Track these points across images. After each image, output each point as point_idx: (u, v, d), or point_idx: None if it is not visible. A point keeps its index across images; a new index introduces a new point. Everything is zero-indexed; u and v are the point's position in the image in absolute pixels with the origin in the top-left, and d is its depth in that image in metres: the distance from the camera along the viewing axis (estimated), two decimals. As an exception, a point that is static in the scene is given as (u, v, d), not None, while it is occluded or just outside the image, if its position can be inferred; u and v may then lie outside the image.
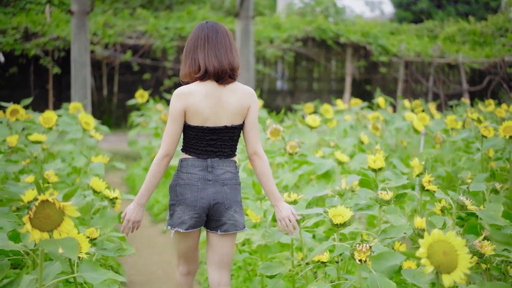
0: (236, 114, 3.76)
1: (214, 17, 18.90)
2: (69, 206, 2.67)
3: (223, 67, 3.68)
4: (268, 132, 6.12)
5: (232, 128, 3.77)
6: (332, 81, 20.44)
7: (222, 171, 3.77)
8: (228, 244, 3.86)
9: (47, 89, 17.63)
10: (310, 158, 5.91)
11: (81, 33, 14.31)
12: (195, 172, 3.74)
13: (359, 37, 18.66)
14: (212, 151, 3.76)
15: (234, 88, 3.78)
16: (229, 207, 3.78)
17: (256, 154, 3.81)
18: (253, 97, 3.83)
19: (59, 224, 2.68)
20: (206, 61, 3.69)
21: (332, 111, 9.98)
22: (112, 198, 4.87)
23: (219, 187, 3.75)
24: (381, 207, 4.11)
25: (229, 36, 3.78)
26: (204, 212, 3.75)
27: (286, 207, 3.83)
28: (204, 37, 3.74)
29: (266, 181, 3.84)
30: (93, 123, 8.04)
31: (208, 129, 3.72)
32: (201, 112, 3.69)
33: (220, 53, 3.69)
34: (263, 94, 19.45)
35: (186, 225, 3.74)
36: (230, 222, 3.79)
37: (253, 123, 3.81)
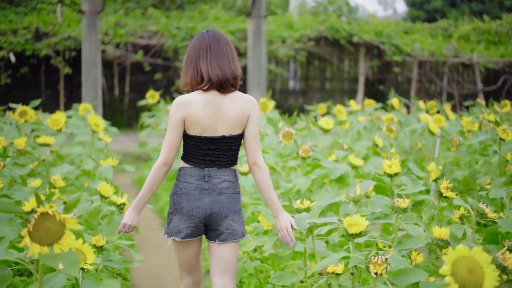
0: (235, 123, 3.71)
1: (226, 16, 18.78)
2: (70, 218, 2.53)
3: (226, 77, 3.66)
4: (280, 135, 5.96)
5: (230, 138, 3.73)
6: (345, 81, 20.28)
7: (219, 180, 3.74)
8: (228, 251, 3.81)
9: (58, 89, 17.57)
10: (323, 162, 5.76)
11: (92, 32, 14.22)
12: (191, 181, 3.72)
13: (372, 37, 18.46)
14: (210, 160, 3.73)
15: (234, 97, 3.73)
16: (226, 216, 3.73)
17: (256, 164, 3.75)
18: (253, 105, 3.78)
19: (60, 238, 2.54)
20: (209, 71, 3.67)
21: (345, 112, 9.81)
22: (119, 204, 4.73)
23: (216, 196, 3.71)
24: (398, 215, 3.95)
25: (230, 45, 3.76)
26: (200, 221, 3.72)
27: (285, 218, 3.79)
28: (206, 47, 3.71)
29: (267, 192, 3.78)
30: (103, 125, 7.92)
31: (206, 138, 3.69)
32: (200, 121, 3.66)
33: (222, 63, 3.68)
34: (275, 94, 19.30)
35: (183, 234, 3.73)
36: (228, 232, 3.75)
37: (253, 133, 3.76)
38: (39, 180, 5.40)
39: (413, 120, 9.44)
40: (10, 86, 17.21)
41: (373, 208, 4.01)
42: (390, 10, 42.64)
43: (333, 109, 10.05)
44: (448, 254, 2.49)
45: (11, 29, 16.38)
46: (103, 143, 7.32)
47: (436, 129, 7.66)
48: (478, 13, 26.10)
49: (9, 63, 16.80)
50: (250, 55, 15.63)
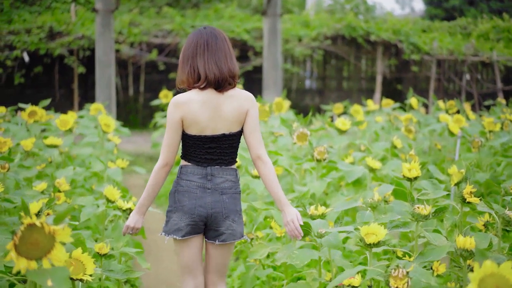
0: (234, 121, 3.68)
1: (241, 15, 18.59)
2: (60, 230, 2.32)
3: (223, 75, 3.61)
4: (294, 136, 5.73)
5: (231, 135, 3.70)
6: (362, 80, 20.01)
7: (222, 180, 3.71)
8: (225, 253, 3.82)
9: (72, 89, 17.45)
10: (339, 165, 5.52)
11: (106, 31, 14.09)
12: (194, 179, 3.68)
13: (390, 35, 18.18)
14: (212, 159, 3.70)
15: (231, 94, 3.69)
16: (227, 216, 3.70)
17: (259, 158, 3.72)
18: (251, 101, 3.74)
19: (49, 251, 2.33)
20: (206, 69, 3.62)
21: (362, 112, 9.57)
22: (125, 209, 4.52)
23: (218, 196, 3.69)
24: (418, 222, 3.72)
25: (227, 42, 3.72)
26: (201, 220, 3.68)
27: (292, 212, 3.72)
28: (204, 44, 3.66)
29: (272, 187, 3.73)
30: (113, 125, 7.73)
31: (206, 137, 3.66)
32: (198, 120, 3.63)
33: (220, 61, 3.63)
34: (292, 94, 19.10)
35: (183, 232, 3.68)
36: (228, 232, 3.73)
37: (253, 127, 3.72)
38: (45, 183, 5.20)
39: (433, 120, 9.17)
40: (24, 85, 17.10)
41: (391, 215, 3.77)
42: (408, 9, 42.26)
43: (350, 109, 9.83)
44: (475, 272, 2.25)
45: (25, 29, 16.26)
46: (112, 144, 7.12)
47: (456, 129, 7.41)
48: (497, 12, 25.73)
49: (23, 63, 16.68)
50: (266, 54, 15.44)
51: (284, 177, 6.67)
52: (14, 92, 17.00)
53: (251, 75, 18.11)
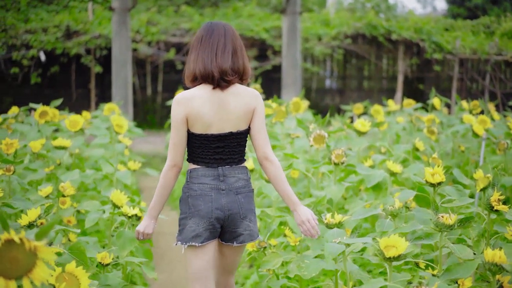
0: (241, 118, 3.56)
1: (260, 13, 18.36)
2: (42, 247, 2.07)
3: (208, 71, 3.48)
4: (311, 138, 5.46)
5: (238, 134, 3.58)
6: (383, 80, 19.71)
7: (235, 179, 3.59)
8: (240, 253, 3.74)
9: (89, 89, 17.31)
10: (358, 169, 5.24)
11: (122, 30, 13.96)
12: (207, 181, 3.55)
13: (411, 34, 17.83)
14: (221, 158, 3.57)
15: (236, 91, 3.56)
16: (244, 216, 3.59)
17: (267, 159, 3.60)
18: (257, 99, 3.62)
19: (31, 270, 2.09)
20: (195, 66, 3.52)
21: (383, 112, 9.29)
22: (131, 215, 4.28)
23: (233, 196, 3.56)
24: (442, 233, 3.44)
25: (225, 37, 3.56)
26: (218, 223, 3.55)
27: (305, 211, 3.60)
28: (199, 39, 3.58)
29: (282, 187, 3.62)
30: (126, 126, 7.52)
31: (212, 136, 3.53)
32: (203, 118, 3.49)
33: (207, 56, 3.50)
34: (311, 93, 18.86)
35: (202, 238, 3.52)
36: (246, 233, 3.62)
37: (259, 126, 3.61)
38: (51, 186, 4.98)
39: (456, 121, 8.85)
40: (41, 85, 17.00)
41: (413, 225, 3.50)
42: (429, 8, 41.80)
43: (370, 109, 9.55)
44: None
45: (41, 28, 16.14)
46: (122, 146, 6.89)
47: (481, 131, 7.10)
48: (521, 10, 25.30)
49: (39, 62, 16.56)
50: (285, 53, 15.23)
51: (300, 180, 6.41)
52: (31, 92, 16.92)
53: (270, 74, 17.90)
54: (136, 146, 13.43)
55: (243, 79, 3.60)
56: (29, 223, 3.74)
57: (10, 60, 16.41)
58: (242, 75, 3.58)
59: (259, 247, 4.40)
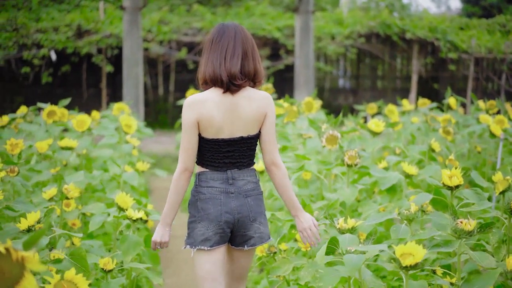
0: (252, 123, 3.48)
1: (273, 12, 18.19)
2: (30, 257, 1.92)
3: (216, 75, 3.40)
4: (323, 139, 5.28)
5: (249, 138, 3.50)
6: (397, 79, 19.52)
7: (244, 182, 3.53)
8: (250, 257, 3.67)
9: (100, 89, 17.21)
10: (372, 171, 5.06)
11: (134, 29, 13.85)
12: (215, 185, 3.49)
13: (426, 33, 17.60)
14: (230, 162, 3.50)
15: (248, 95, 3.47)
16: (254, 219, 3.53)
17: (274, 164, 3.55)
18: (269, 103, 3.53)
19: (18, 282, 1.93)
20: (205, 68, 3.45)
21: (397, 112, 9.10)
22: (136, 219, 4.12)
23: (242, 199, 3.50)
24: (461, 240, 3.26)
25: (235, 39, 3.46)
26: (228, 227, 3.48)
27: (307, 217, 3.60)
28: (209, 41, 3.50)
29: (287, 193, 3.59)
30: (135, 126, 7.39)
31: (223, 141, 3.45)
32: (215, 122, 3.41)
33: (216, 59, 3.42)
34: (324, 93, 18.69)
35: (211, 242, 3.45)
36: (257, 236, 3.56)
37: (270, 131, 3.54)
38: (55, 188, 4.83)
39: (472, 121, 8.64)
40: (53, 85, 16.92)
41: (431, 231, 3.32)
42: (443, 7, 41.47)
43: (384, 109, 9.36)
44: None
45: (52, 27, 16.05)
46: (129, 146, 6.73)
47: (498, 131, 6.91)
48: (537, 9, 25.01)
49: (50, 62, 16.47)
50: (298, 53, 15.07)
51: (313, 182, 6.24)
52: (43, 91, 16.84)
53: (283, 74, 17.76)
54: (147, 146, 13.30)
55: (255, 82, 3.51)
56: (28, 228, 3.59)
57: (21, 60, 16.33)
58: (253, 78, 3.49)
59: (268, 252, 4.23)
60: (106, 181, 6.65)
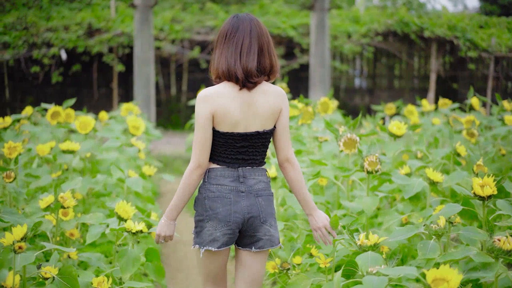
0: (268, 118, 3.40)
1: (288, 10, 17.84)
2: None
3: (230, 72, 3.31)
4: (341, 143, 4.90)
5: (264, 133, 3.42)
6: (415, 79, 19.08)
7: (255, 181, 3.43)
8: (261, 261, 3.51)
9: (111, 88, 16.92)
10: (394, 178, 4.67)
11: (145, 28, 13.59)
12: (225, 183, 3.39)
13: (445, 31, 17.15)
14: (243, 159, 3.42)
15: (264, 89, 3.39)
16: (265, 221, 3.42)
17: (288, 161, 3.48)
18: (284, 99, 3.46)
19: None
20: (218, 63, 3.35)
21: (417, 113, 8.71)
22: (135, 231, 3.77)
23: (253, 199, 3.40)
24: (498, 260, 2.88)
25: (251, 35, 3.36)
26: (237, 227, 3.39)
27: (322, 216, 3.52)
28: (224, 35, 3.39)
29: (301, 190, 3.52)
30: (143, 128, 7.08)
31: (239, 135, 3.36)
32: (231, 115, 3.32)
33: (230, 55, 3.32)
34: (340, 93, 18.31)
35: (219, 243, 3.37)
36: (266, 238, 3.44)
37: (284, 127, 3.47)
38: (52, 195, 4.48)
39: (497, 123, 8.22)
40: (64, 84, 16.65)
41: (465, 250, 2.94)
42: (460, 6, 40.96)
43: (403, 110, 8.98)
44: None
45: (63, 25, 15.77)
46: (135, 149, 6.38)
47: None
48: (558, 6, 24.53)
49: (60, 61, 16.20)
50: (313, 51, 14.73)
51: (329, 187, 5.86)
52: (54, 91, 16.59)
53: (298, 73, 17.41)
54: (157, 147, 12.99)
55: (270, 77, 3.44)
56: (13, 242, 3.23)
57: (30, 59, 16.06)
58: (270, 73, 3.42)
59: (281, 269, 3.87)
60: (112, 185, 6.32)
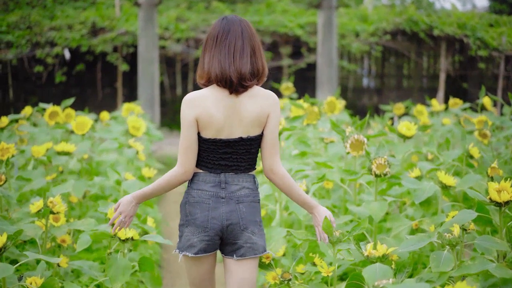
0: (253, 123, 3.28)
1: (295, 9, 17.60)
2: None
3: (225, 76, 3.20)
4: (347, 144, 4.64)
5: (248, 140, 3.30)
6: (424, 78, 18.87)
7: (237, 187, 3.33)
8: (248, 269, 3.38)
9: (116, 88, 16.73)
10: (404, 181, 4.40)
11: (149, 26, 13.41)
12: (206, 188, 3.31)
13: (455, 29, 16.86)
14: (226, 165, 3.32)
15: (252, 93, 3.29)
16: (245, 228, 3.31)
17: (272, 172, 3.35)
18: (273, 103, 3.32)
19: None
20: (209, 67, 3.25)
21: (426, 113, 8.45)
22: (124, 239, 3.53)
23: (234, 205, 3.31)
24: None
25: (243, 37, 3.28)
26: (216, 234, 3.31)
27: (323, 212, 3.40)
28: (214, 37, 3.29)
29: (295, 195, 3.41)
30: (143, 128, 6.85)
31: (221, 141, 3.27)
32: (215, 121, 3.24)
33: (224, 59, 3.22)
34: (348, 93, 18.08)
35: (196, 249, 3.30)
36: (247, 246, 3.33)
37: (271, 134, 3.32)
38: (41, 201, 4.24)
39: (509, 123, 7.95)
40: (68, 84, 16.47)
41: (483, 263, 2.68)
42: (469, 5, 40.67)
43: (412, 110, 8.72)
44: None
45: (66, 24, 15.58)
46: (133, 151, 6.14)
47: (540, 134, 6.25)
48: None
49: (64, 61, 16.00)
50: (320, 50, 14.49)
51: (335, 190, 5.61)
52: (58, 91, 16.42)
53: (304, 73, 17.19)
54: (162, 148, 12.77)
55: (259, 80, 3.32)
56: None
57: (34, 58, 15.88)
58: (260, 76, 3.31)
59: (282, 279, 3.62)
60: (110, 188, 6.09)
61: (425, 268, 4.52)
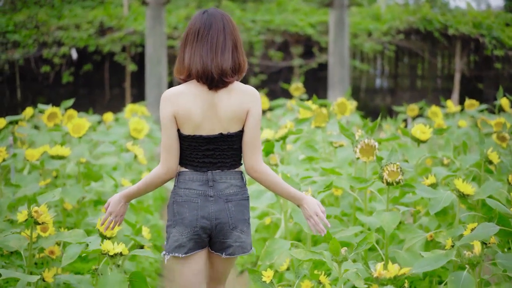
0: (232, 119, 3.23)
1: (306, 8, 17.32)
2: None
3: (206, 72, 3.15)
4: (357, 149, 4.32)
5: (229, 136, 3.25)
6: (438, 79, 18.54)
7: (226, 185, 3.29)
8: (230, 264, 3.45)
9: (124, 88, 16.51)
10: (418, 190, 4.07)
11: (157, 26, 13.19)
12: (194, 187, 3.26)
13: (470, 28, 16.48)
14: (211, 162, 3.27)
15: (231, 88, 3.23)
16: (235, 227, 3.29)
17: (253, 169, 3.29)
18: (254, 99, 3.27)
19: None
20: (190, 62, 3.19)
21: (441, 114, 8.12)
22: (113, 254, 3.24)
23: (222, 204, 3.27)
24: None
25: (225, 32, 3.22)
26: (205, 233, 3.27)
27: (311, 203, 3.31)
28: (195, 32, 3.22)
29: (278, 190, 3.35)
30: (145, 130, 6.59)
31: (201, 138, 3.24)
32: (193, 117, 3.20)
33: (206, 54, 3.17)
34: (360, 93, 17.79)
35: (185, 249, 3.26)
36: (236, 245, 3.32)
37: (252, 131, 3.26)
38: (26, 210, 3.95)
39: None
40: (76, 84, 16.27)
41: (507, 287, 2.37)
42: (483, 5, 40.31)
43: (426, 111, 8.40)
44: None
45: (74, 24, 15.37)
46: (130, 155, 5.85)
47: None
48: None
49: (71, 60, 15.79)
50: (332, 50, 14.21)
51: (345, 197, 5.29)
52: (66, 91, 16.21)
53: (316, 73, 16.90)
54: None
55: (239, 76, 3.26)
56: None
57: (41, 58, 15.67)
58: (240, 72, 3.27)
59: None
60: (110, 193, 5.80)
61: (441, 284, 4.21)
